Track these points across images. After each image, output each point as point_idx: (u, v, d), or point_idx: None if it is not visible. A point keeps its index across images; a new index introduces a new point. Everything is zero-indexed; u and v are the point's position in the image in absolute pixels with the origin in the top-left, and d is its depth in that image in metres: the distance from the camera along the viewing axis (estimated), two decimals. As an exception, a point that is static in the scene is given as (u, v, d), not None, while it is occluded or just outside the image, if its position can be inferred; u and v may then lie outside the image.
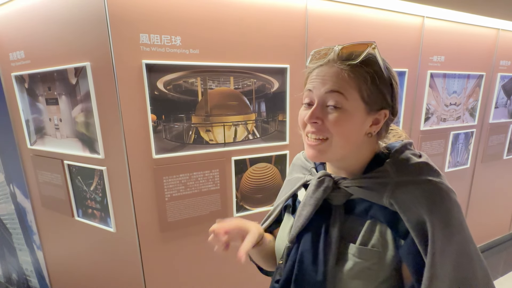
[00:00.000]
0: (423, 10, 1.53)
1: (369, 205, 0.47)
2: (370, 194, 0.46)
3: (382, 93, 0.46)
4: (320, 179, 0.51)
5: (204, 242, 1.27)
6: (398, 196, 0.44)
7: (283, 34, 1.24)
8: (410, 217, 0.42)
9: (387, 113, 0.47)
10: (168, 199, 1.16)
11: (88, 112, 1.08)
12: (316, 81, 0.46)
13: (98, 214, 1.22)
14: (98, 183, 1.16)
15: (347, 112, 0.44)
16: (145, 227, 1.15)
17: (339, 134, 0.45)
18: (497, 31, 1.93)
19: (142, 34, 1.00)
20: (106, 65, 0.99)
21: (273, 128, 1.31)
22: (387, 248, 0.45)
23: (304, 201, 0.52)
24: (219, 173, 1.23)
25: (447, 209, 0.42)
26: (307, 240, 0.50)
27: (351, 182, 0.49)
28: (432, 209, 0.41)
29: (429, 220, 0.41)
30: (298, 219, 0.51)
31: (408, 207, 0.43)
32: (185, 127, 1.14)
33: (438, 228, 0.40)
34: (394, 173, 0.46)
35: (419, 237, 0.41)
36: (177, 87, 1.09)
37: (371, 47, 0.44)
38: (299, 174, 0.61)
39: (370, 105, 0.45)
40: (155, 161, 1.11)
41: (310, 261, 0.48)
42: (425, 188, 0.43)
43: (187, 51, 1.08)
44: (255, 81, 1.22)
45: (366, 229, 0.47)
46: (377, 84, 0.45)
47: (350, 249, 0.47)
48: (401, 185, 0.44)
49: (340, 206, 0.50)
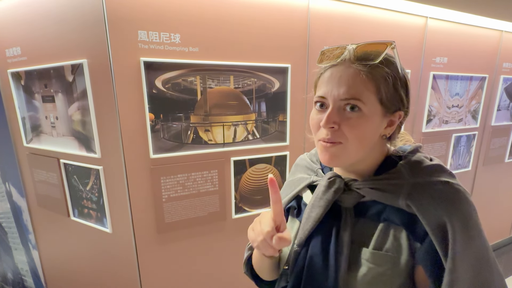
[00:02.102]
0: (426, 10, 1.51)
1: (382, 207, 0.45)
2: (384, 196, 0.44)
3: (399, 95, 0.44)
4: (330, 180, 0.49)
5: (201, 244, 1.26)
6: (416, 198, 0.42)
7: (285, 33, 1.22)
8: (429, 219, 0.40)
9: (402, 115, 0.46)
10: (166, 199, 1.14)
11: (85, 110, 1.06)
12: (331, 82, 0.43)
13: (94, 214, 1.20)
14: (94, 182, 1.14)
15: (365, 116, 0.42)
16: (141, 228, 1.13)
17: (356, 139, 0.43)
18: (500, 33, 1.91)
19: (140, 31, 0.98)
20: (103, 62, 0.97)
21: (273, 128, 1.29)
22: (401, 252, 0.43)
23: (313, 203, 0.50)
24: (218, 173, 1.21)
25: (466, 211, 0.40)
26: (316, 243, 0.48)
27: (363, 183, 0.47)
28: (452, 211, 0.40)
29: (449, 222, 0.39)
30: (307, 222, 0.49)
31: (426, 208, 0.41)
32: (183, 127, 1.12)
33: (458, 231, 0.39)
34: (408, 174, 0.44)
35: (438, 240, 0.39)
36: (175, 85, 1.07)
37: (390, 47, 0.42)
38: (304, 174, 0.59)
39: (387, 107, 0.44)
40: (153, 161, 1.09)
41: (320, 266, 0.46)
42: (443, 190, 0.41)
43: (187, 49, 1.06)
44: (256, 80, 1.20)
45: (380, 232, 0.44)
46: (395, 85, 0.43)
47: (363, 254, 0.44)
48: (418, 187, 0.42)
49: (350, 208, 0.48)
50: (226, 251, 1.32)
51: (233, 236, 1.32)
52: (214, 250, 1.29)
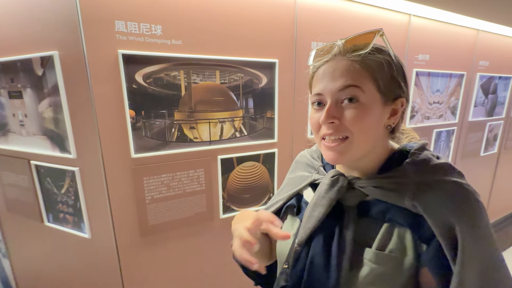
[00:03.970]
0: (410, 8, 1.53)
1: (386, 207, 0.44)
2: (389, 195, 0.43)
3: (397, 81, 0.43)
4: (333, 178, 0.48)
5: (189, 246, 1.22)
6: (422, 198, 0.40)
7: (272, 27, 1.19)
8: (436, 221, 0.39)
9: (403, 102, 0.44)
10: (149, 201, 1.08)
11: (57, 107, 0.98)
12: (325, 78, 0.43)
13: (70, 219, 1.11)
14: (70, 185, 1.06)
15: (365, 106, 0.41)
16: (123, 232, 1.06)
17: (360, 131, 0.42)
18: (477, 32, 1.99)
19: (117, 21, 0.91)
20: (77, 55, 0.89)
21: (261, 125, 1.26)
22: (406, 253, 0.41)
23: (315, 201, 0.48)
24: (204, 172, 1.17)
25: (475, 213, 0.39)
26: (318, 243, 0.46)
27: (367, 182, 0.45)
28: (460, 212, 0.38)
29: (458, 225, 0.38)
30: (309, 220, 0.48)
31: (434, 209, 0.39)
32: (167, 124, 1.06)
33: (467, 233, 0.37)
34: (414, 173, 0.42)
35: (446, 242, 0.38)
36: (158, 80, 1.01)
37: (378, 34, 0.41)
38: (304, 172, 0.57)
39: (386, 95, 0.43)
40: (134, 160, 1.03)
41: (322, 265, 0.45)
42: (451, 190, 0.40)
43: (169, 41, 1.00)
44: (243, 75, 1.16)
45: (384, 232, 0.43)
46: (391, 72, 0.42)
47: (366, 254, 0.43)
48: (424, 186, 0.41)
49: (353, 207, 0.47)
50: (214, 252, 1.28)
51: (221, 236, 1.28)
52: (202, 251, 1.25)
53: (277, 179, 1.35)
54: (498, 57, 2.20)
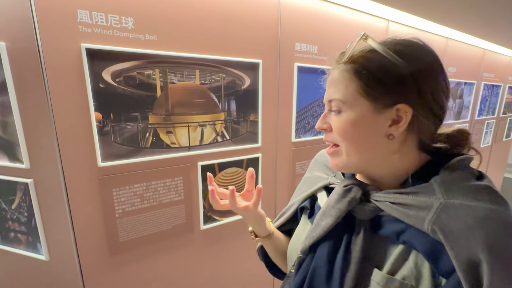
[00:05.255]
0: (388, 13, 1.57)
1: (402, 227, 0.38)
2: (407, 215, 0.37)
3: (389, 85, 0.38)
4: (346, 187, 0.44)
5: (166, 262, 1.11)
6: (445, 223, 0.34)
7: (255, 26, 1.13)
8: (459, 253, 0.32)
9: (407, 109, 0.38)
10: (120, 215, 0.96)
11: (5, 108, 0.83)
12: (326, 86, 0.46)
13: (23, 239, 0.95)
14: (22, 199, 0.91)
15: (349, 118, 0.41)
16: (88, 251, 0.93)
17: (346, 140, 0.42)
18: (446, 40, 2.10)
19: (80, 11, 0.79)
20: (29, 47, 0.76)
21: (244, 129, 1.19)
22: (421, 282, 0.36)
23: (324, 210, 0.45)
24: (183, 181, 1.07)
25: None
26: (322, 253, 0.43)
27: (384, 196, 0.40)
28: (493, 247, 0.31)
29: (486, 262, 0.31)
30: (315, 229, 0.45)
31: (457, 238, 0.33)
32: (140, 128, 0.95)
33: (498, 274, 0.31)
34: (442, 193, 0.36)
35: (469, 281, 0.31)
36: (129, 79, 0.90)
37: (361, 38, 0.41)
38: (321, 173, 0.55)
39: (376, 101, 0.39)
40: (101, 169, 0.90)
41: (324, 279, 0.41)
42: (483, 218, 0.33)
43: (142, 36, 0.90)
44: (224, 76, 1.08)
45: (398, 255, 0.38)
46: (379, 75, 0.38)
47: (375, 276, 0.38)
48: (450, 209, 0.34)
49: (366, 221, 0.42)
50: (195, 266, 1.18)
51: (202, 249, 1.18)
52: (181, 266, 1.14)
53: (261, 185, 1.29)
54: (464, 64, 2.35)
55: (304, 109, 1.37)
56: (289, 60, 1.26)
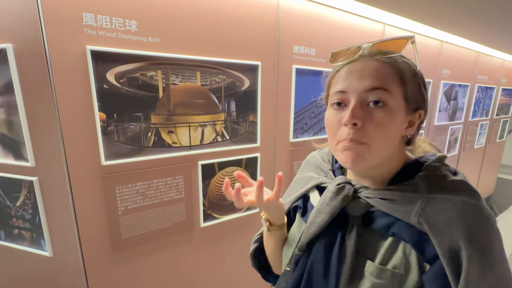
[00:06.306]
0: (384, 17, 1.60)
1: (391, 221, 0.42)
2: (395, 209, 0.41)
3: (421, 91, 0.42)
4: (339, 186, 0.46)
5: (167, 259, 1.13)
6: (430, 215, 0.38)
7: (255, 29, 1.16)
8: (442, 241, 0.36)
9: (422, 114, 0.43)
10: (122, 212, 0.99)
11: (11, 108, 0.85)
12: (350, 77, 0.40)
13: (28, 236, 0.98)
14: (27, 197, 0.93)
15: (391, 111, 0.39)
16: (92, 247, 0.96)
17: (382, 138, 0.39)
18: (441, 43, 2.15)
19: (86, 14, 0.81)
20: (36, 49, 0.78)
21: (244, 129, 1.22)
22: (410, 271, 0.39)
23: (319, 208, 0.47)
24: (183, 179, 1.10)
25: (488, 238, 0.36)
26: (319, 249, 0.45)
27: (374, 192, 0.43)
28: (471, 236, 0.35)
29: (465, 249, 0.35)
30: (310, 226, 0.47)
31: (440, 229, 0.37)
32: (143, 128, 0.98)
33: (476, 259, 0.35)
34: (425, 188, 0.40)
35: (450, 266, 0.35)
36: (132, 80, 0.92)
37: (411, 41, 0.40)
38: (313, 173, 0.56)
39: (411, 103, 0.41)
40: (105, 168, 0.93)
41: (321, 273, 0.44)
42: (463, 210, 0.37)
43: (145, 38, 0.92)
44: (225, 78, 1.11)
45: (388, 247, 0.41)
46: (417, 80, 0.41)
47: (368, 267, 0.41)
48: (434, 203, 0.38)
49: (358, 217, 0.45)
50: (195, 262, 1.21)
51: (202, 246, 1.21)
52: (182, 263, 1.17)
53: (260, 184, 1.32)
54: (458, 66, 2.40)
55: (302, 110, 1.40)
56: (287, 62, 1.30)
